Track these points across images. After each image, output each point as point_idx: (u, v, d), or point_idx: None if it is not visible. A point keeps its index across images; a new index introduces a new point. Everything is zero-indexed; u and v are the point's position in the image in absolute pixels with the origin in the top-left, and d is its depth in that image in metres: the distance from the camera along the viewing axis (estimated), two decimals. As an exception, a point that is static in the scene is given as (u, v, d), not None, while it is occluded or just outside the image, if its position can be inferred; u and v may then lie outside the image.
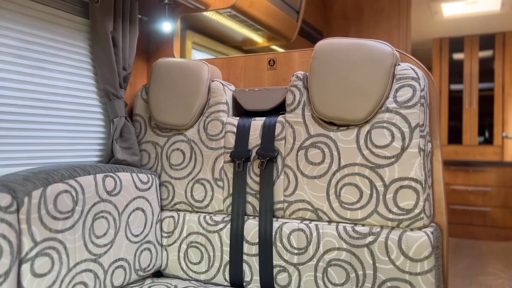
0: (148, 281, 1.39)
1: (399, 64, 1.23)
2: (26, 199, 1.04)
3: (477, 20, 3.83)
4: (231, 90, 1.50)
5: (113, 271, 1.27)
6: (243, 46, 2.38)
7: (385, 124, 1.20)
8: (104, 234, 1.24)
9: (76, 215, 1.16)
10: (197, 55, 2.22)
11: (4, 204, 0.98)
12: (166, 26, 1.66)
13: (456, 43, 4.36)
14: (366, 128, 1.23)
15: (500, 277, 2.76)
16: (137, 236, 1.36)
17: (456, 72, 4.36)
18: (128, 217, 1.33)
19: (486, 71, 4.23)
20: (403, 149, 1.17)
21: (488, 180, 3.89)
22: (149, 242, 1.40)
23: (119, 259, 1.29)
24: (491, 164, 3.87)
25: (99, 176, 1.25)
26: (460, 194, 3.99)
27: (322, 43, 1.30)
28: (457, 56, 4.36)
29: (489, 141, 4.21)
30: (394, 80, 1.21)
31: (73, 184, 1.16)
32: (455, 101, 4.36)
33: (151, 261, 1.41)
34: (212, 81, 1.49)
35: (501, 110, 4.13)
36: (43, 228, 1.07)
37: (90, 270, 1.20)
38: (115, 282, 1.28)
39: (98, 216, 1.23)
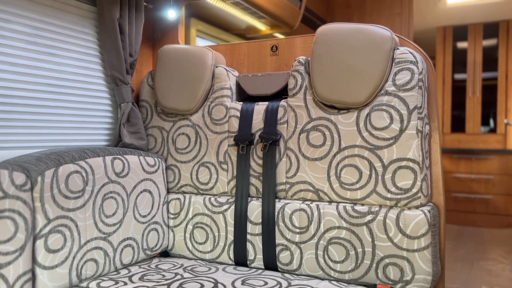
0: (156, 260, 1.45)
1: (398, 48, 1.26)
2: (39, 178, 1.09)
3: (481, 8, 3.82)
4: (234, 75, 1.54)
5: (122, 250, 1.32)
6: (247, 34, 2.42)
7: (384, 107, 1.24)
8: (113, 214, 1.29)
9: (87, 195, 1.21)
10: (201, 43, 2.25)
11: (19, 183, 1.03)
12: (171, 13, 1.69)
13: (460, 32, 4.36)
14: (365, 111, 1.26)
15: (501, 262, 2.80)
16: (144, 216, 1.41)
17: (459, 61, 4.37)
18: (136, 198, 1.38)
19: (490, 60, 4.23)
20: (402, 130, 1.21)
21: (490, 168, 3.92)
22: (156, 222, 1.46)
23: (128, 238, 1.34)
24: (494, 152, 3.89)
25: (108, 158, 1.30)
26: (463, 182, 4.02)
27: (323, 29, 1.33)
28: (461, 44, 4.36)
29: (492, 129, 4.23)
30: (393, 64, 1.25)
31: (83, 165, 1.21)
32: (459, 90, 4.37)
33: (158, 241, 1.46)
34: (216, 67, 1.52)
35: (504, 99, 4.14)
36: (56, 206, 1.12)
37: (100, 248, 1.25)
38: (124, 260, 1.33)
39: (107, 197, 1.28)
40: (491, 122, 4.23)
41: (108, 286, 1.16)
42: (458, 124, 4.37)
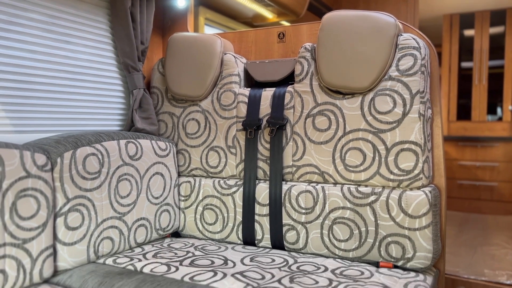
0: (168, 240, 1.51)
1: (401, 35, 1.30)
2: (58, 160, 1.15)
3: (488, -5, 3.81)
4: (242, 62, 1.59)
5: (136, 229, 1.39)
6: (253, 22, 2.45)
7: (387, 92, 1.28)
8: (128, 195, 1.35)
9: (103, 176, 1.27)
10: (209, 31, 2.29)
11: (40, 163, 1.09)
12: (180, 2, 1.73)
13: (467, 19, 4.35)
14: (369, 95, 1.31)
15: (504, 247, 2.85)
16: (157, 198, 1.47)
17: (466, 49, 4.36)
18: (149, 180, 1.44)
19: (497, 48, 4.22)
20: (404, 114, 1.25)
21: (496, 155, 3.94)
22: (168, 204, 1.52)
23: (141, 219, 1.41)
24: (499, 140, 3.91)
25: (122, 142, 1.36)
26: (468, 169, 4.05)
27: (329, 16, 1.37)
28: (468, 32, 4.35)
29: (498, 117, 4.24)
30: (397, 50, 1.29)
31: (99, 148, 1.27)
32: (465, 78, 4.37)
33: (170, 221, 1.53)
34: (225, 54, 1.57)
35: (511, 87, 4.14)
36: (74, 186, 1.18)
37: (116, 227, 1.31)
38: (138, 239, 1.40)
39: (122, 178, 1.34)
40: (498, 110, 4.24)
41: (124, 263, 1.23)
42: (464, 112, 4.39)
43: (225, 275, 1.13)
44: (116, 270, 1.17)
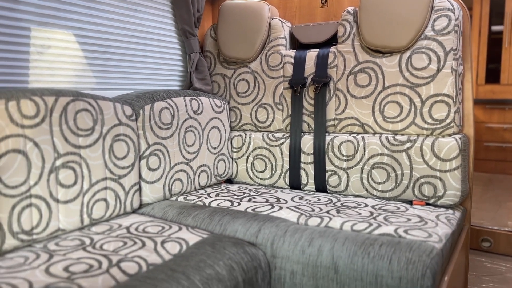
0: (224, 185, 1.74)
1: (437, -3, 1.43)
2: (141, 112, 1.36)
3: (522, -45, 3.77)
4: (288, 26, 1.75)
5: (199, 174, 1.61)
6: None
7: (423, 50, 1.43)
8: (193, 144, 1.57)
9: (174, 127, 1.48)
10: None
11: (128, 114, 1.31)
12: (229, -29, 1.88)
13: (499, -19, 4.30)
14: (407, 54, 1.46)
15: (528, 203, 2.98)
16: (215, 148, 1.68)
17: (497, 11, 4.35)
18: (208, 133, 1.64)
19: (529, 9, 4.19)
20: (438, 70, 1.41)
21: (523, 117, 4.00)
22: (223, 154, 1.73)
23: (203, 165, 1.63)
24: (528, 102, 3.96)
25: (187, 98, 1.56)
26: (495, 131, 4.13)
27: (370, -19, 1.51)
28: (499, -6, 4.32)
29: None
30: (433, 11, 1.42)
31: (171, 103, 1.48)
32: (495, 42, 4.38)
33: (225, 169, 1.74)
34: (272, 19, 1.73)
35: (542, 49, 4.14)
36: (153, 134, 1.40)
37: (184, 171, 1.54)
38: (201, 182, 1.62)
39: (188, 130, 1.55)
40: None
41: (193, 199, 1.45)
42: (493, 75, 4.42)
43: (281, 207, 1.34)
44: (189, 204, 1.40)
